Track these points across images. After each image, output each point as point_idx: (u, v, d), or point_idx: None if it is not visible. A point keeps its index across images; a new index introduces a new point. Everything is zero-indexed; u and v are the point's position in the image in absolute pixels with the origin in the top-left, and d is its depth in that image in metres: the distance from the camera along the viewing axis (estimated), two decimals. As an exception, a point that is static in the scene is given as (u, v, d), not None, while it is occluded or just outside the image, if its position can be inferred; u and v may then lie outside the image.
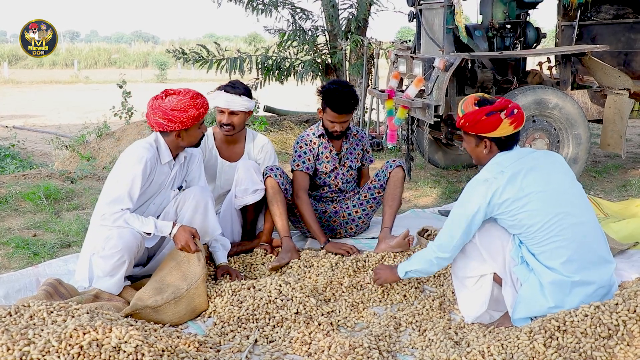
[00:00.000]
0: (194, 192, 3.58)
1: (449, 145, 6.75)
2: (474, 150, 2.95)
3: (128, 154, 3.40)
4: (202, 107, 3.40)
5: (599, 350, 2.46)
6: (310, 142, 4.36)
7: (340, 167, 4.43)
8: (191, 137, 3.48)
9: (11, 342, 2.39)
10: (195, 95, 3.41)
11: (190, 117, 3.36)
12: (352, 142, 4.48)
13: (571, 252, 2.73)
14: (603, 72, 5.85)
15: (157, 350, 2.51)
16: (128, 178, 3.31)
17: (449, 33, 5.65)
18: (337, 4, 9.13)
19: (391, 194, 4.28)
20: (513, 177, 2.76)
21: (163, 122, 3.35)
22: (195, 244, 3.30)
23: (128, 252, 3.24)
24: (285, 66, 9.18)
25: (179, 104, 3.33)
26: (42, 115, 15.31)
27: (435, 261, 2.98)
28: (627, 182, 6.06)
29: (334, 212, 4.45)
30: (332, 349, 2.75)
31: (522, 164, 2.81)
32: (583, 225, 2.79)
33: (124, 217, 3.26)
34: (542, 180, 2.78)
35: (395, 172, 4.30)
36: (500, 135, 2.84)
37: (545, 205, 2.74)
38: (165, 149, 3.47)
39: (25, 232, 4.70)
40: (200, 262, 3.27)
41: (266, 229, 4.19)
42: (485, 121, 2.81)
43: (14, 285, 3.55)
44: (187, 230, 3.32)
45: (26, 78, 25.54)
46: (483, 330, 2.91)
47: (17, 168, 8.16)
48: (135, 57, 34.63)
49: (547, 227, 2.73)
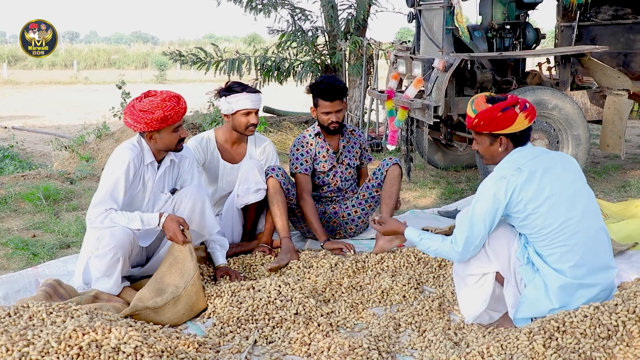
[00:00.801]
0: (190, 191, 3.57)
1: (449, 146, 6.76)
2: (488, 149, 2.90)
3: (112, 156, 3.42)
4: (171, 110, 3.30)
5: (598, 350, 2.46)
6: (307, 144, 4.37)
7: (339, 165, 4.44)
8: (165, 140, 3.40)
9: (10, 343, 2.39)
10: (169, 98, 3.34)
11: (156, 119, 3.28)
12: (350, 139, 4.49)
13: (579, 256, 2.72)
14: (602, 73, 5.85)
15: (157, 351, 2.51)
16: (111, 180, 3.32)
17: (449, 34, 5.65)
18: (336, 4, 9.13)
19: (388, 192, 4.30)
20: (531, 176, 2.74)
21: (130, 122, 3.33)
22: (183, 234, 3.28)
23: (121, 249, 3.23)
24: (284, 67, 9.18)
25: (148, 105, 3.29)
26: (42, 116, 15.30)
27: (449, 249, 2.87)
28: (626, 183, 6.06)
29: (333, 212, 4.45)
30: (332, 350, 2.75)
31: (538, 163, 2.79)
32: (593, 231, 2.78)
33: (110, 216, 3.28)
34: (557, 182, 2.77)
35: (392, 169, 4.31)
36: (516, 130, 2.81)
37: (560, 208, 2.73)
38: (147, 150, 3.46)
39: (24, 233, 4.70)
40: (193, 258, 3.26)
41: (266, 229, 4.19)
42: (501, 117, 2.78)
43: (13, 286, 3.55)
44: (174, 220, 3.30)
45: (25, 79, 25.53)
46: (482, 331, 2.91)
47: (16, 169, 8.15)
48: (134, 58, 34.61)
49: (560, 231, 2.71)
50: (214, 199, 4.26)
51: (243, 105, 3.97)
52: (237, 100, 3.97)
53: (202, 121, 9.11)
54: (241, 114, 4.00)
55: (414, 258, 3.88)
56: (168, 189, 3.60)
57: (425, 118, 5.51)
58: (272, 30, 9.54)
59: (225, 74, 9.08)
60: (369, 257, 3.88)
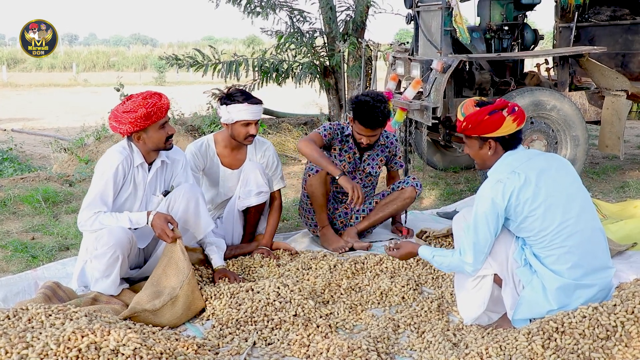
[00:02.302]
0: (183, 189, 3.56)
1: (447, 147, 6.76)
2: (478, 153, 2.91)
3: (101, 160, 3.43)
4: (153, 107, 3.31)
5: (597, 351, 2.46)
6: (340, 131, 4.34)
7: (359, 172, 4.42)
8: (153, 138, 3.40)
9: (9, 346, 2.39)
10: (150, 95, 3.35)
11: (139, 117, 3.28)
12: (377, 149, 4.45)
13: (577, 258, 2.73)
14: (601, 74, 5.86)
15: (156, 352, 2.51)
16: (100, 183, 3.34)
17: (447, 35, 5.66)
18: (334, 6, 9.13)
19: (386, 203, 4.35)
20: (528, 179, 2.74)
21: (116, 125, 3.34)
22: (172, 231, 3.27)
23: (120, 247, 3.23)
24: (283, 68, 9.17)
25: (130, 105, 3.30)
26: (41, 118, 15.28)
27: (458, 262, 2.88)
28: (625, 184, 6.07)
29: (343, 212, 4.46)
30: (331, 351, 2.75)
31: (532, 165, 2.79)
32: (590, 232, 2.79)
33: (99, 218, 3.28)
34: (553, 184, 2.77)
35: (407, 189, 4.33)
36: (504, 134, 2.81)
37: (557, 210, 2.73)
38: (137, 152, 3.46)
39: (23, 235, 4.70)
40: (185, 257, 3.25)
41: (267, 232, 4.18)
42: (488, 120, 2.80)
43: (12, 289, 3.55)
44: (161, 217, 3.28)
45: (25, 81, 25.50)
46: (481, 332, 2.91)
47: (15, 171, 8.14)
48: (133, 60, 34.56)
49: (557, 232, 2.71)
50: (215, 203, 4.26)
51: (243, 116, 3.92)
52: (237, 110, 3.92)
53: (201, 123, 9.11)
54: (241, 125, 3.96)
55: (413, 259, 3.88)
56: (160, 191, 3.60)
57: (423, 119, 5.52)
58: (265, 31, 9.52)
59: (223, 77, 9.07)
60: (368, 259, 3.88)
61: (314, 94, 10.04)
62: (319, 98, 10.45)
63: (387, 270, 3.77)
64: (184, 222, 3.52)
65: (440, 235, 4.09)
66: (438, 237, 4.14)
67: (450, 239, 3.98)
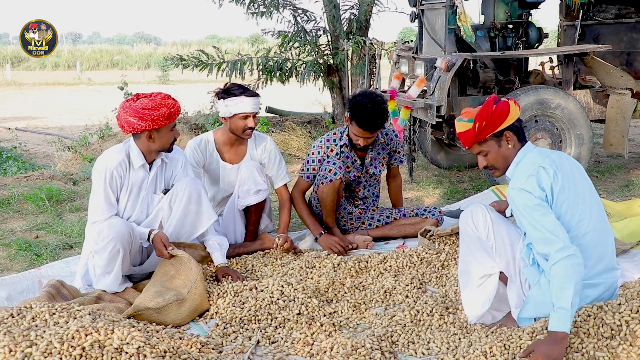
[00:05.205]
0: (185, 183, 3.59)
1: (451, 146, 6.75)
2: (499, 153, 2.83)
3: (94, 168, 3.47)
4: (173, 108, 3.39)
5: (601, 350, 2.45)
6: (327, 149, 4.28)
7: (364, 174, 4.41)
8: (163, 139, 3.44)
9: (13, 344, 2.39)
10: (167, 96, 3.42)
11: (162, 115, 3.33)
12: (377, 148, 4.40)
13: (587, 256, 2.70)
14: (605, 72, 5.84)
15: (159, 351, 2.51)
16: (97, 193, 3.41)
17: (451, 33, 5.64)
18: (338, 4, 9.11)
19: (405, 224, 4.42)
20: (555, 174, 2.68)
21: (134, 120, 3.33)
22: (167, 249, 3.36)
23: (120, 240, 3.25)
24: (287, 67, 9.17)
25: (150, 102, 3.33)
26: (45, 117, 15.32)
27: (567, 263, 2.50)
28: (629, 182, 6.04)
29: (357, 216, 4.45)
30: (334, 350, 2.74)
31: (550, 163, 2.74)
32: (599, 233, 2.76)
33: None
34: (574, 182, 2.75)
35: (430, 220, 4.37)
36: (514, 120, 2.79)
37: (577, 208, 2.70)
38: (137, 153, 3.47)
39: (27, 234, 4.71)
40: (192, 264, 3.29)
41: (282, 223, 4.25)
42: (497, 110, 2.77)
43: (16, 287, 3.56)
44: (157, 239, 3.39)
45: (29, 80, 25.56)
46: (485, 331, 2.90)
47: (19, 170, 8.16)
48: (137, 59, 34.59)
49: (572, 231, 2.68)
50: (216, 200, 4.27)
51: (241, 109, 3.95)
52: (235, 103, 3.96)
53: (204, 121, 9.12)
54: (239, 118, 4.00)
55: (417, 258, 3.88)
56: (161, 190, 3.61)
57: (427, 118, 5.50)
58: (268, 32, 9.52)
59: (227, 76, 9.07)
60: (372, 257, 3.87)
61: (318, 93, 10.03)
62: (323, 96, 10.44)
63: (390, 269, 3.76)
64: (185, 215, 3.53)
65: (445, 234, 4.08)
66: (442, 236, 4.13)
67: (455, 238, 3.97)
